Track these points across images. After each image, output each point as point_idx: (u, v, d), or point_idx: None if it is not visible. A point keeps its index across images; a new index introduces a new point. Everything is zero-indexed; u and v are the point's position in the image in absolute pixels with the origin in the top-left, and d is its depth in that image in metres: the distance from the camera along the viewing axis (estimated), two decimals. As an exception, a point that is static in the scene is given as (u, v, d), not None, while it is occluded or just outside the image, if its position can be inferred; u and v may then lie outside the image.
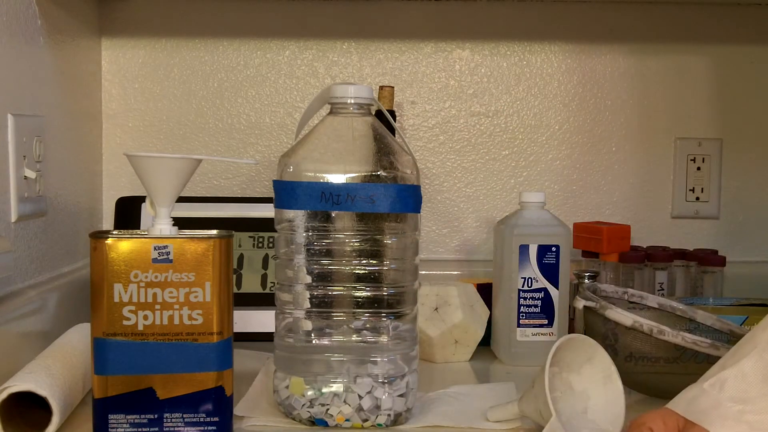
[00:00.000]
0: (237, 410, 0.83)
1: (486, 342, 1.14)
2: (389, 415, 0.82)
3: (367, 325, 0.83)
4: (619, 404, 0.80)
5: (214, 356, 0.76)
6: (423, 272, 0.98)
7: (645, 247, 1.32)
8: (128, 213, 1.22)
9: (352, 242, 0.82)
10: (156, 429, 0.76)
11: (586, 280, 1.18)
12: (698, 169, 1.39)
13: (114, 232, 0.76)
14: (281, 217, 0.84)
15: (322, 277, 0.82)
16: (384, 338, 0.83)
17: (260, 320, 1.15)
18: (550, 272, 1.09)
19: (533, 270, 1.09)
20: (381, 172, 0.82)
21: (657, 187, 1.40)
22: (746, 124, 1.40)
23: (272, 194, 0.84)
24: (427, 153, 1.39)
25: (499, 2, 1.37)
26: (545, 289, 1.10)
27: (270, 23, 1.37)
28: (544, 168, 1.39)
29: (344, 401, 0.81)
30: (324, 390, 0.82)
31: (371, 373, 0.82)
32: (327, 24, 1.37)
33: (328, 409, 0.81)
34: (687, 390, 0.74)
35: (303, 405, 0.82)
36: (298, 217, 0.83)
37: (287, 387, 0.83)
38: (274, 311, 0.86)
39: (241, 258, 1.21)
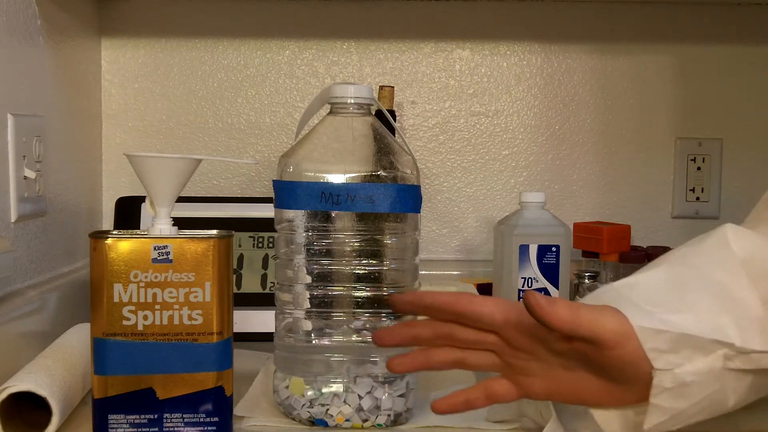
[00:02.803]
0: (237, 410, 0.83)
1: (486, 342, 1.14)
2: (389, 415, 0.82)
3: (367, 325, 0.83)
4: (619, 404, 0.80)
5: (214, 356, 0.76)
6: (423, 272, 0.97)
7: (645, 247, 1.32)
8: (128, 213, 1.22)
9: (352, 242, 0.82)
10: (156, 429, 0.76)
11: (586, 280, 1.18)
12: (698, 169, 1.39)
13: (114, 232, 0.76)
14: (281, 217, 0.84)
15: (322, 277, 0.82)
16: (384, 338, 0.83)
17: (260, 320, 1.15)
18: (550, 272, 1.10)
19: (533, 270, 1.09)
20: (381, 172, 0.82)
21: (657, 187, 1.40)
22: (746, 124, 1.40)
23: (272, 194, 0.84)
24: (427, 153, 1.39)
25: (499, 2, 1.37)
26: (545, 289, 1.10)
27: (270, 23, 1.37)
28: (544, 168, 1.39)
29: (344, 401, 0.81)
30: (324, 390, 0.82)
31: (371, 373, 0.82)
32: (327, 24, 1.37)
33: (328, 409, 0.81)
34: (594, 292, 0.74)
35: (303, 405, 0.82)
36: (298, 217, 0.83)
37: (287, 387, 0.83)
38: (274, 311, 0.86)
39: (241, 258, 1.21)
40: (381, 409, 0.81)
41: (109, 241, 0.75)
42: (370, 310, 0.82)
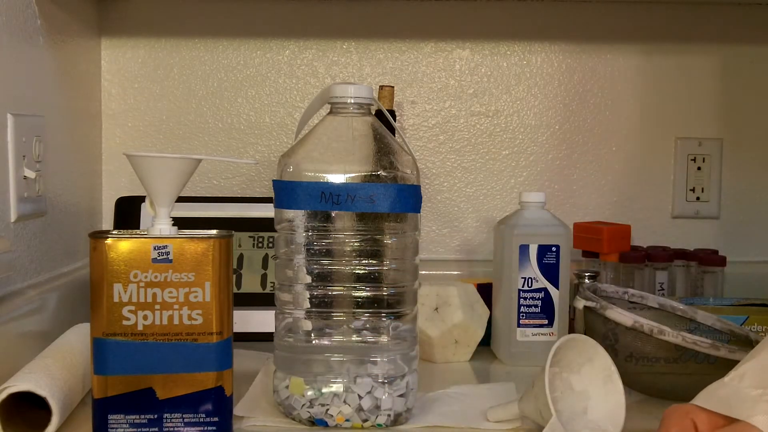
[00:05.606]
0: (237, 410, 0.83)
1: (486, 342, 1.14)
2: (389, 415, 0.82)
3: (367, 325, 0.83)
4: (619, 404, 0.80)
5: (214, 356, 0.76)
6: (423, 272, 0.97)
7: (645, 247, 1.32)
8: (128, 213, 1.22)
9: (352, 242, 0.82)
10: (156, 429, 0.76)
11: (587, 280, 1.18)
12: (698, 169, 1.39)
13: (114, 232, 0.76)
14: (281, 217, 0.84)
15: (322, 277, 0.82)
16: (384, 338, 0.83)
17: (260, 320, 1.15)
18: (550, 272, 1.09)
19: (533, 270, 1.09)
20: (381, 172, 0.82)
21: (657, 187, 1.40)
22: (746, 124, 1.40)
23: (272, 194, 0.84)
24: (427, 153, 1.39)
25: (499, 2, 1.37)
26: (545, 289, 1.10)
27: (270, 23, 1.37)
28: (544, 168, 1.39)
29: (344, 401, 0.81)
30: (324, 390, 0.82)
31: (371, 373, 0.82)
32: (327, 24, 1.37)
33: (328, 409, 0.81)
34: (708, 386, 0.74)
35: (303, 405, 0.82)
36: (298, 217, 0.83)
37: (287, 387, 0.83)
38: (274, 311, 0.86)
39: (241, 258, 1.21)
40: (381, 409, 0.81)
41: (109, 241, 0.75)
42: (370, 310, 0.82)
